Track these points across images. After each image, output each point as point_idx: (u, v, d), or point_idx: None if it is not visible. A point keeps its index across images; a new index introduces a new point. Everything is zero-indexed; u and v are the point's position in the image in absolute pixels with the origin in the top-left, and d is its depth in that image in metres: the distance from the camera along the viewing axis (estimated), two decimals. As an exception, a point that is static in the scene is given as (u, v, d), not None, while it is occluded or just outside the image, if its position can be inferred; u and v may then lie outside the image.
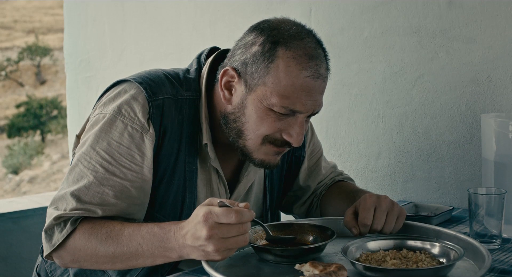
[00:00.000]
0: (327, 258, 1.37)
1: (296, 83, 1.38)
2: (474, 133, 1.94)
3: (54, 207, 1.41)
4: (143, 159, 1.43)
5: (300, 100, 1.39)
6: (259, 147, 1.46)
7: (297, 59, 1.38)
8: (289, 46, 1.39)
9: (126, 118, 1.43)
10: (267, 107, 1.40)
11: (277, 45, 1.39)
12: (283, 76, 1.38)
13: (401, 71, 2.09)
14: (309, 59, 1.39)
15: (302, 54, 1.39)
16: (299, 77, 1.38)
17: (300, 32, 1.42)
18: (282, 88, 1.38)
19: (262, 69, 1.40)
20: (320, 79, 1.41)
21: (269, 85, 1.39)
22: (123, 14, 3.20)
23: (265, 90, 1.40)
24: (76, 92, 3.57)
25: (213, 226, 1.18)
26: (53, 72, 25.53)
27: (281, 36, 1.40)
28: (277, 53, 1.39)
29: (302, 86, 1.38)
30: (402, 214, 1.46)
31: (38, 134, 23.06)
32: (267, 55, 1.40)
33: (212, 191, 1.56)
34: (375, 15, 2.14)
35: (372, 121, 2.19)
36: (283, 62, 1.38)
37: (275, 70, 1.39)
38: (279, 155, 1.49)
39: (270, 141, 1.45)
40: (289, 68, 1.38)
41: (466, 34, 1.93)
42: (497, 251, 1.46)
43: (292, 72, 1.38)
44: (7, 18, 27.27)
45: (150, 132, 1.43)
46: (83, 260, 1.38)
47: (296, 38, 1.40)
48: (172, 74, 1.53)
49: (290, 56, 1.38)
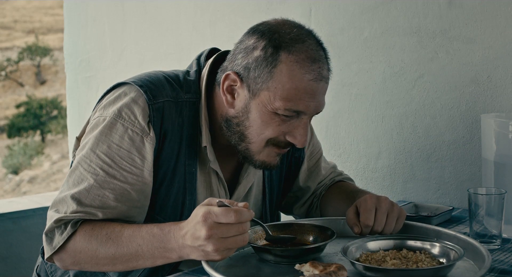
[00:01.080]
0: (327, 258, 1.37)
1: (300, 87, 1.39)
2: (474, 133, 1.94)
3: (55, 209, 1.41)
4: (144, 162, 1.43)
5: (304, 102, 1.40)
6: (262, 150, 1.46)
7: (300, 63, 1.39)
8: (291, 50, 1.39)
9: (126, 121, 1.43)
10: (271, 111, 1.41)
11: (279, 50, 1.39)
12: (287, 81, 1.38)
13: (401, 71, 2.09)
14: (312, 62, 1.40)
15: (305, 58, 1.39)
16: (303, 81, 1.39)
17: (301, 34, 1.42)
18: (285, 92, 1.39)
19: (265, 74, 1.40)
20: (323, 81, 1.42)
21: (272, 90, 1.39)
22: (123, 14, 3.20)
23: (269, 95, 1.40)
24: (76, 92, 3.57)
25: (212, 225, 1.18)
26: (53, 72, 25.54)
27: (283, 40, 1.40)
28: (280, 57, 1.39)
29: (306, 89, 1.39)
30: (402, 215, 1.46)
31: (38, 134, 23.08)
32: (269, 59, 1.40)
33: (212, 193, 1.56)
34: (375, 15, 2.14)
35: (372, 121, 2.19)
36: (286, 66, 1.39)
37: (278, 75, 1.39)
38: (279, 156, 1.50)
39: (273, 143, 1.45)
40: (292, 72, 1.38)
41: (466, 34, 1.93)
42: (497, 251, 1.46)
43: (295, 76, 1.38)
44: (7, 18, 27.28)
45: (150, 135, 1.43)
46: (83, 262, 1.38)
47: (298, 41, 1.40)
48: (172, 76, 1.53)
49: (293, 60, 1.39)
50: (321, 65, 1.42)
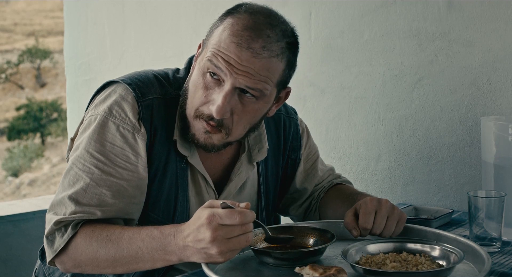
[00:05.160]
0: (327, 261, 1.37)
1: (222, 45, 1.37)
2: (474, 136, 1.94)
3: (53, 212, 1.42)
4: (138, 158, 1.44)
5: (221, 64, 1.37)
6: (193, 122, 1.44)
7: (234, 26, 1.38)
8: (236, 16, 1.40)
9: (117, 119, 1.44)
10: (201, 74, 1.41)
11: (228, 15, 1.41)
12: (216, 37, 1.40)
13: (401, 74, 2.10)
14: (244, 29, 1.37)
15: (242, 24, 1.38)
16: (226, 41, 1.37)
17: (262, 12, 1.42)
18: (210, 48, 1.39)
19: (209, 35, 1.44)
20: (248, 51, 1.36)
21: (206, 48, 1.43)
22: (123, 17, 3.20)
23: (203, 54, 1.43)
24: (76, 95, 3.57)
25: (217, 228, 1.18)
26: (53, 75, 25.55)
27: (238, 10, 1.41)
28: (225, 20, 1.41)
29: (227, 50, 1.37)
30: (402, 218, 1.46)
31: (38, 136, 23.08)
32: (217, 23, 1.43)
33: (200, 189, 1.56)
34: (375, 18, 2.14)
35: (372, 124, 2.19)
36: (222, 26, 1.40)
37: (214, 33, 1.41)
38: (208, 133, 1.44)
39: (198, 115, 1.43)
40: (223, 31, 1.39)
41: (466, 37, 1.93)
42: (497, 254, 1.46)
43: (223, 35, 1.38)
44: (7, 21, 27.29)
45: (141, 131, 1.45)
46: (84, 265, 1.38)
47: (250, 13, 1.40)
48: (162, 74, 1.55)
49: (231, 23, 1.39)
50: (255, 37, 1.37)
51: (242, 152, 1.61)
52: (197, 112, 1.42)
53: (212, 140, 1.44)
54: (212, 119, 1.40)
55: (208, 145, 1.45)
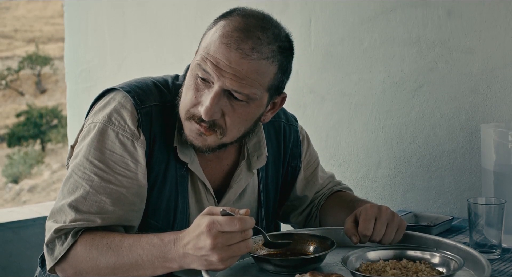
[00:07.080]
0: (327, 268, 1.37)
1: (211, 46, 1.38)
2: (474, 143, 1.94)
3: (53, 220, 1.42)
4: (137, 165, 1.44)
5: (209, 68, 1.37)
6: (185, 123, 1.44)
7: (225, 27, 1.38)
8: (229, 19, 1.40)
9: (116, 127, 1.44)
10: (193, 76, 1.42)
11: (222, 18, 1.42)
12: (207, 39, 1.40)
13: (400, 81, 2.10)
14: (234, 30, 1.37)
15: (233, 26, 1.38)
16: (216, 42, 1.37)
17: (254, 16, 1.42)
18: (202, 49, 1.40)
19: (202, 37, 1.44)
20: (237, 51, 1.35)
21: (198, 50, 1.43)
22: (123, 23, 3.21)
23: (195, 56, 1.43)
24: (77, 101, 3.58)
25: (217, 235, 1.19)
26: (53, 81, 25.56)
27: (231, 13, 1.42)
28: (218, 23, 1.41)
29: (215, 51, 1.37)
30: (402, 226, 1.46)
31: (38, 143, 23.05)
32: (211, 25, 1.43)
33: (200, 196, 1.55)
34: (375, 26, 2.15)
35: (372, 131, 2.19)
36: (214, 28, 1.40)
37: (207, 35, 1.42)
38: (201, 134, 1.43)
39: (190, 117, 1.43)
40: (214, 33, 1.39)
41: (466, 44, 1.93)
42: (497, 261, 1.46)
43: (213, 36, 1.39)
44: (7, 28, 27.33)
45: (141, 139, 1.45)
46: (85, 273, 1.38)
47: (242, 16, 1.40)
48: (161, 81, 1.55)
49: (222, 25, 1.39)
50: (245, 38, 1.36)
51: (241, 159, 1.61)
52: (187, 114, 1.43)
53: (207, 142, 1.44)
54: (203, 120, 1.41)
55: (202, 147, 1.45)
